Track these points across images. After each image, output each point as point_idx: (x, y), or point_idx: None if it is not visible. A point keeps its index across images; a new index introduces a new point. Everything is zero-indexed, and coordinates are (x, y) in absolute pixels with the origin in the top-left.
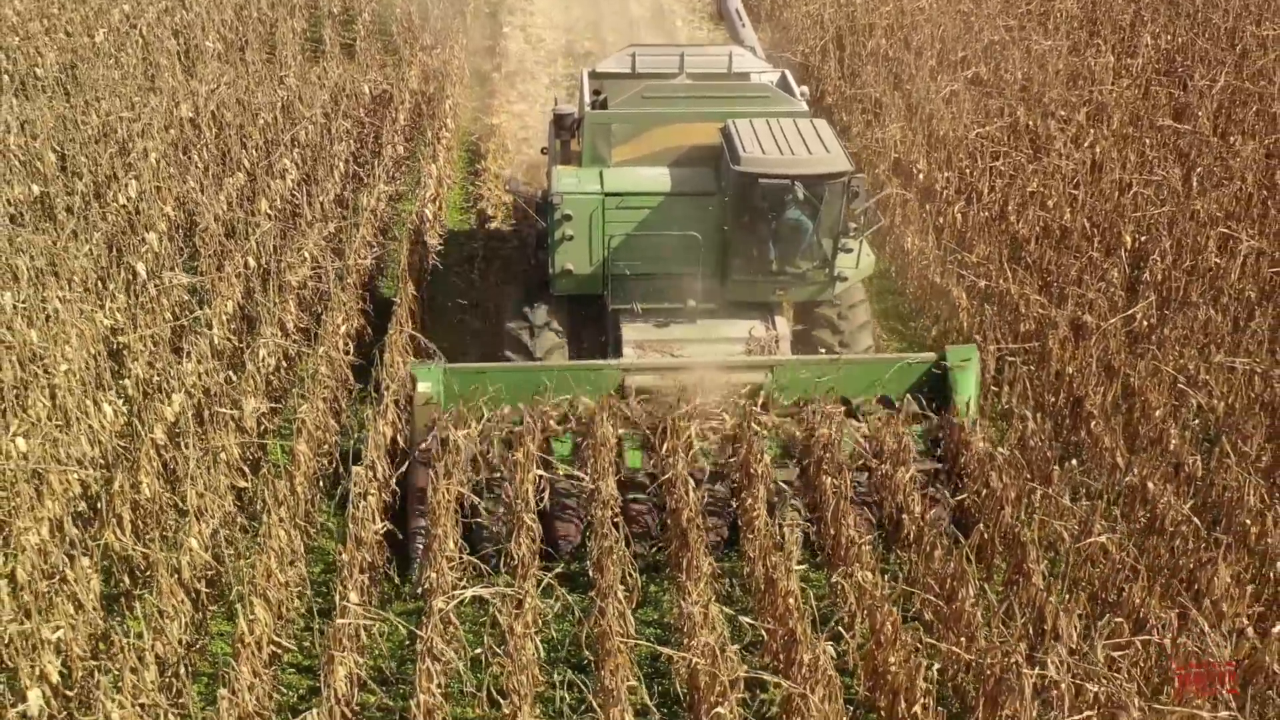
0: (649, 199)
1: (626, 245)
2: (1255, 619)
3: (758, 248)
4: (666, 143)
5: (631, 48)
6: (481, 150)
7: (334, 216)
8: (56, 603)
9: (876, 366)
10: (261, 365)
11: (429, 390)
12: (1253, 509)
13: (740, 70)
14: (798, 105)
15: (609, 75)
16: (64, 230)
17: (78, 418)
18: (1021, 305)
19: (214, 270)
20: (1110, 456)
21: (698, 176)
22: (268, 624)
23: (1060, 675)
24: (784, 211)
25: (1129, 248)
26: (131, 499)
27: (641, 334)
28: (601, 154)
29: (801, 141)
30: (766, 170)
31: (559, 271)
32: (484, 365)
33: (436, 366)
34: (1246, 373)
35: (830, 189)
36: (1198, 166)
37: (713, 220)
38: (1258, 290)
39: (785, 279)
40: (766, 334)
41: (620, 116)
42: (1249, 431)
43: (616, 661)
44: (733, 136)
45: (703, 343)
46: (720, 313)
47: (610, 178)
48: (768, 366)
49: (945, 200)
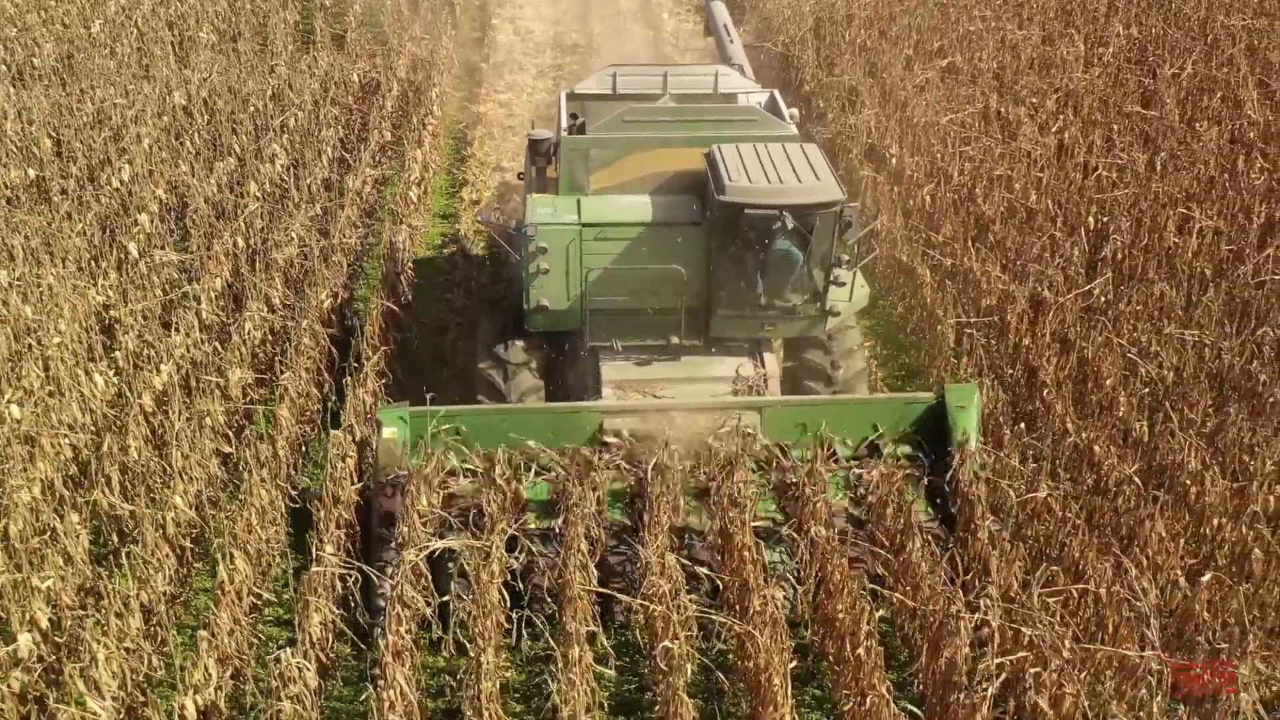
0: (629, 229)
1: (606, 279)
2: (1188, 571)
3: (745, 281)
4: (648, 169)
5: (612, 67)
6: (468, 138)
7: (321, 199)
8: (47, 555)
9: (872, 407)
10: (247, 338)
11: (395, 435)
12: (1194, 471)
13: (727, 91)
14: (787, 129)
15: (588, 97)
16: (58, 212)
17: (69, 387)
18: (983, 281)
19: (203, 249)
20: (1061, 423)
21: (681, 205)
22: (248, 575)
23: (995, 620)
24: (772, 243)
25: (1091, 228)
26: (120, 461)
27: (622, 373)
28: (579, 181)
29: (790, 169)
30: (753, 200)
31: (534, 307)
32: (453, 409)
33: (402, 409)
34: (1196, 344)
35: (821, 219)
36: (1162, 151)
37: (697, 252)
38: (1213, 268)
39: (774, 314)
40: (755, 373)
41: (599, 141)
42: (1195, 399)
43: (576, 606)
44: (717, 163)
45: (687, 382)
46: (705, 350)
47: (588, 207)
48: (757, 407)
49: (915, 183)
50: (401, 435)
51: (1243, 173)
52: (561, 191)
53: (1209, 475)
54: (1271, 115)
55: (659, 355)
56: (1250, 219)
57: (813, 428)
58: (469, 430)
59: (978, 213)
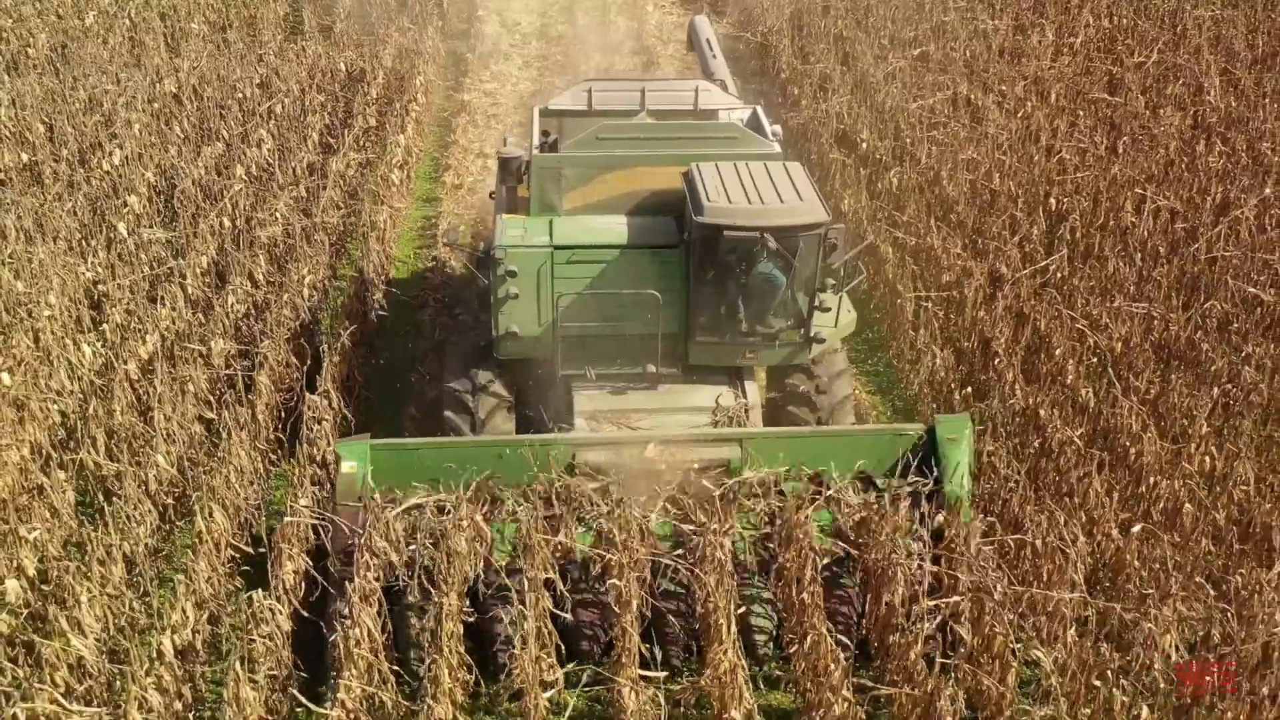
0: (604, 252)
1: (579, 304)
2: (1121, 524)
3: (725, 306)
4: (624, 188)
5: (587, 82)
6: (452, 125)
7: (305, 181)
8: (34, 509)
9: (858, 440)
10: (231, 311)
11: (354, 470)
12: (1134, 433)
13: (707, 107)
14: (769, 146)
15: (562, 113)
16: (50, 193)
17: (58, 356)
18: (944, 259)
19: (190, 227)
20: (1010, 389)
21: (658, 227)
22: (226, 529)
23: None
24: (753, 266)
25: (1051, 210)
26: (105, 425)
27: (595, 403)
28: (551, 201)
29: (772, 188)
30: (733, 222)
31: (503, 334)
32: (416, 441)
33: (363, 442)
34: (1144, 316)
35: (805, 241)
36: (1124, 136)
37: (675, 276)
38: (1167, 245)
39: (756, 340)
40: (735, 402)
41: (571, 159)
42: (1140, 368)
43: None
44: (696, 183)
45: (664, 413)
46: (684, 379)
47: (560, 229)
48: (738, 439)
49: (883, 165)
50: (361, 470)
51: (1201, 156)
52: (533, 212)
53: (1148, 437)
54: (1235, 102)
55: (635, 384)
56: (1206, 200)
57: (796, 460)
58: (431, 464)
59: (942, 195)
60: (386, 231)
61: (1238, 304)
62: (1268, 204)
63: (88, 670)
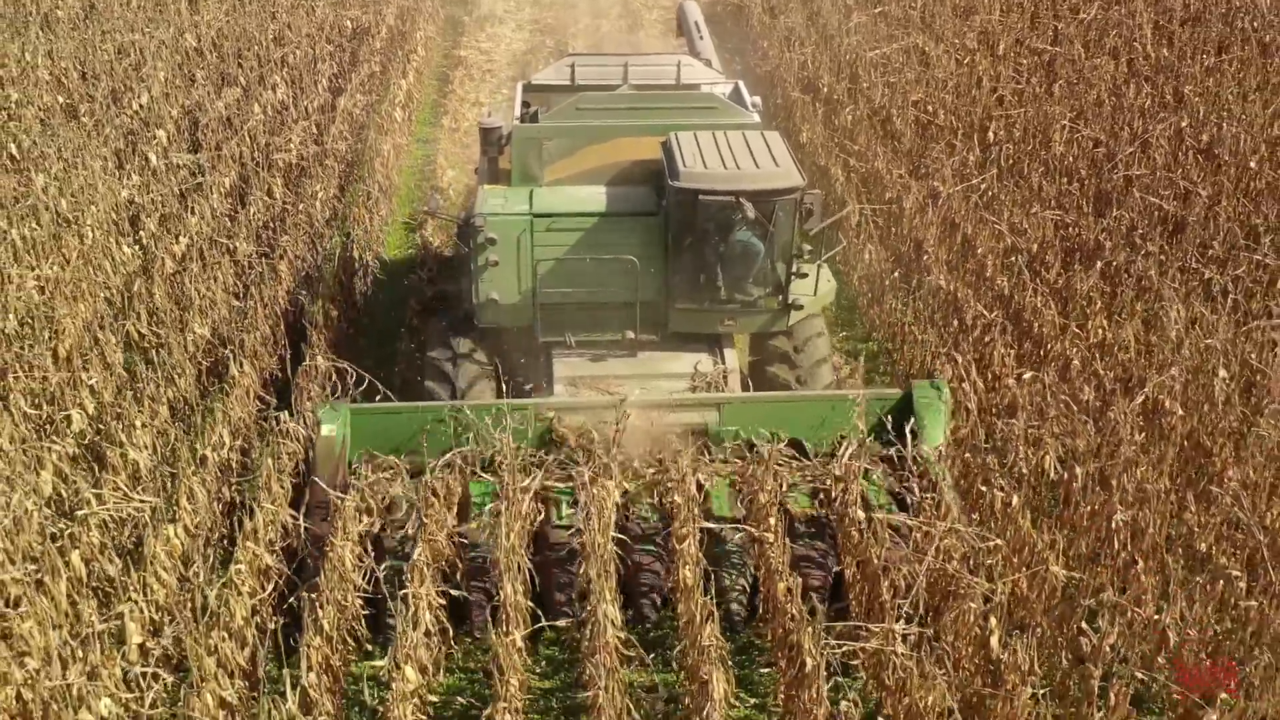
0: (582, 220)
1: (558, 271)
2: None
3: (703, 273)
4: (604, 159)
5: (570, 57)
6: (450, 78)
7: (316, 116)
8: (91, 361)
9: (835, 404)
10: (253, 219)
11: (334, 433)
12: (1037, 308)
13: (689, 81)
14: (748, 116)
15: (545, 88)
16: (85, 129)
17: (103, 253)
18: (887, 179)
19: (214, 152)
20: (935, 280)
21: (636, 195)
22: (253, 379)
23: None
24: (731, 232)
25: (989, 141)
26: (148, 305)
27: (575, 369)
28: (532, 172)
29: (749, 154)
30: (708, 186)
31: (483, 301)
32: (396, 405)
33: (342, 407)
34: (1059, 223)
35: (781, 206)
36: (1060, 79)
37: (654, 243)
38: (1087, 167)
39: (734, 308)
40: (714, 369)
41: (551, 130)
42: (1049, 262)
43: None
44: (673, 150)
45: (643, 379)
46: (663, 346)
47: (540, 197)
48: (715, 404)
49: (839, 104)
50: (341, 434)
51: (1129, 97)
52: (514, 183)
53: (1049, 312)
54: (1167, 52)
55: (614, 351)
56: (1129, 131)
57: (773, 424)
58: (411, 428)
59: (891, 129)
60: (390, 160)
61: (1143, 213)
62: (1182, 135)
63: (142, 477)
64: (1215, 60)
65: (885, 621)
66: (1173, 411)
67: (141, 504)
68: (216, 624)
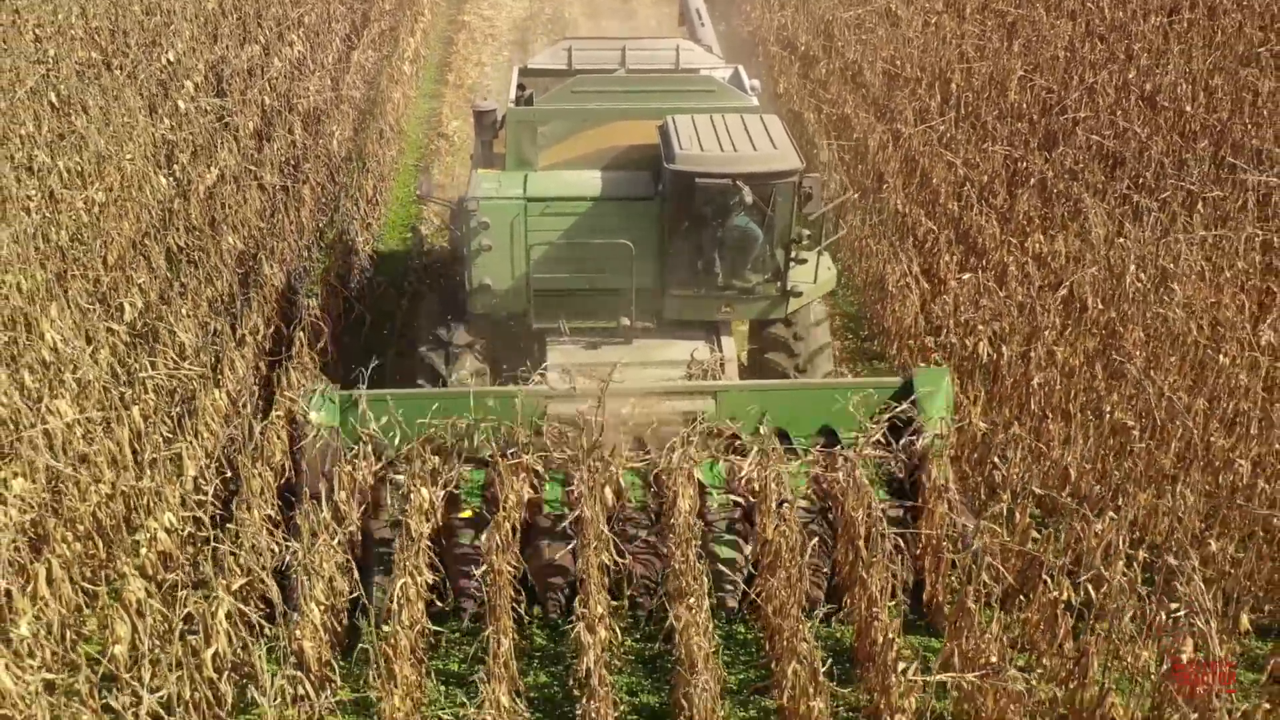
0: (577, 204)
1: (552, 257)
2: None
3: (700, 259)
4: (601, 143)
5: (567, 41)
6: (454, 41)
7: (330, 69)
8: (139, 263)
9: (834, 393)
10: (276, 156)
11: (323, 420)
12: (981, 225)
13: (688, 65)
14: (747, 100)
15: (542, 72)
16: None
17: (143, 179)
18: (855, 122)
19: (239, 97)
20: (894, 204)
21: (632, 180)
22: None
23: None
24: (728, 217)
25: (951, 92)
26: (184, 221)
27: (569, 357)
28: (527, 156)
29: (747, 138)
30: (705, 169)
31: (476, 287)
32: (387, 392)
33: (331, 392)
34: (1007, 158)
35: (779, 190)
36: (1020, 38)
37: (650, 228)
38: (1038, 111)
39: (731, 294)
40: (711, 357)
41: (546, 113)
42: (996, 190)
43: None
44: (670, 133)
45: (639, 366)
46: (659, 333)
47: (534, 182)
48: (711, 392)
49: (814, 59)
50: (330, 419)
51: (1084, 53)
52: (508, 167)
53: (990, 230)
54: (1122, 14)
55: (609, 338)
56: (1078, 80)
57: (771, 413)
58: (402, 415)
59: (861, 80)
60: (400, 106)
61: (1085, 149)
62: (1128, 84)
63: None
64: (1166, 20)
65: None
66: (1093, 305)
67: (189, 372)
68: (260, 456)
